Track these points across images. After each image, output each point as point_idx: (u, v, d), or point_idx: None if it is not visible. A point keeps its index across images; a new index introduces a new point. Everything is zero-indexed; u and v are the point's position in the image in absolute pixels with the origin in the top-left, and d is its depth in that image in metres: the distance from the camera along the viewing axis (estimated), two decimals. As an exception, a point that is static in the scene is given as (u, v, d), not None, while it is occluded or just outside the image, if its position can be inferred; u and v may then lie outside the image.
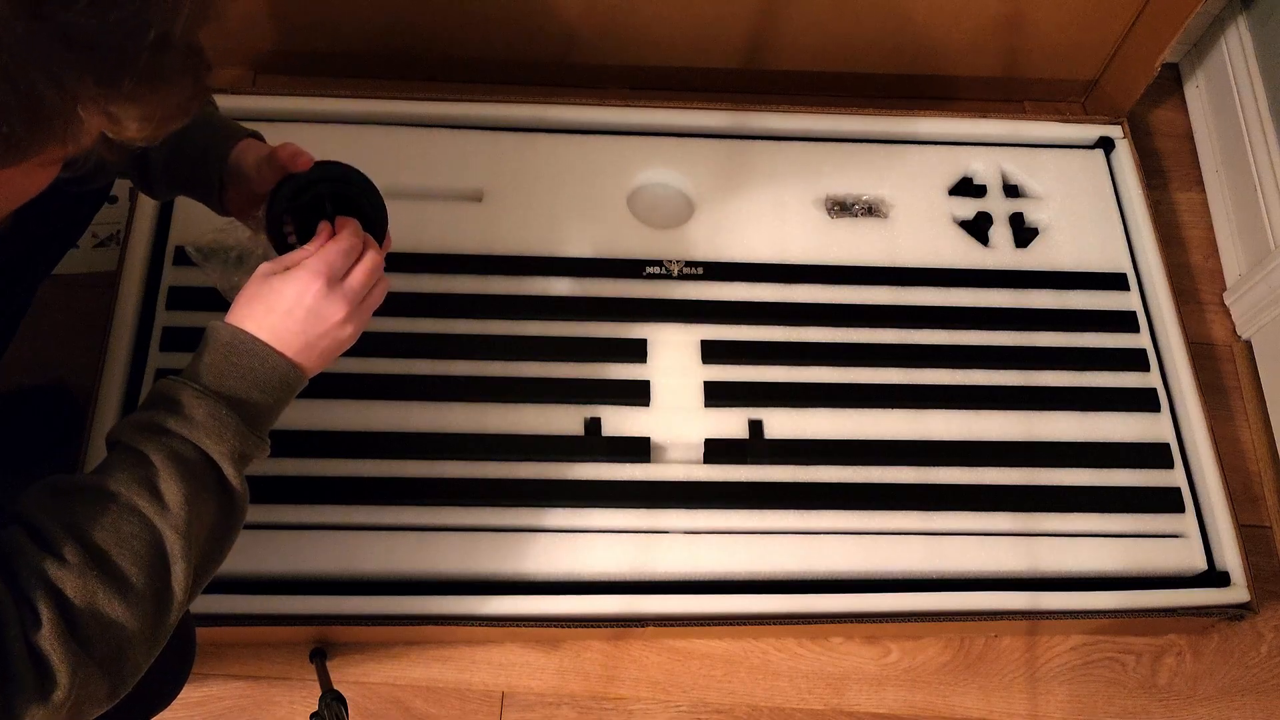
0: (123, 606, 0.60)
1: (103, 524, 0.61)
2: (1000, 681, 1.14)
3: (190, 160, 0.82)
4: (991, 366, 1.17)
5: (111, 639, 0.59)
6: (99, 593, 0.59)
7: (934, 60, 1.40)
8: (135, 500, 0.62)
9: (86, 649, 0.58)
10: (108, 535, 0.60)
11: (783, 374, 1.14)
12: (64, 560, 0.58)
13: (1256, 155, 1.36)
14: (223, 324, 0.70)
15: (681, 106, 1.28)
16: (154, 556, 0.62)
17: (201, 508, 0.65)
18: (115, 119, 0.51)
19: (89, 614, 0.58)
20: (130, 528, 0.61)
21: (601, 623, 1.04)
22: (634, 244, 1.20)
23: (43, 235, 0.92)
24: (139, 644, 0.61)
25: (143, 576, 0.61)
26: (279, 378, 0.70)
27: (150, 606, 0.61)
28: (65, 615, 0.58)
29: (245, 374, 0.69)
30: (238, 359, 0.69)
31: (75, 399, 1.16)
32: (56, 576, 0.58)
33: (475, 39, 1.34)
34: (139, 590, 0.60)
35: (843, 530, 1.07)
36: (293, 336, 0.71)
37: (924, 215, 1.25)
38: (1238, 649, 1.18)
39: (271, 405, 0.70)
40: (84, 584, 0.58)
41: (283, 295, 0.70)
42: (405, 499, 1.04)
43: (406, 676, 1.09)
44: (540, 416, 1.09)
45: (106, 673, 0.59)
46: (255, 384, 0.69)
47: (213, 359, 0.69)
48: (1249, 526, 1.23)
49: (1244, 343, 1.36)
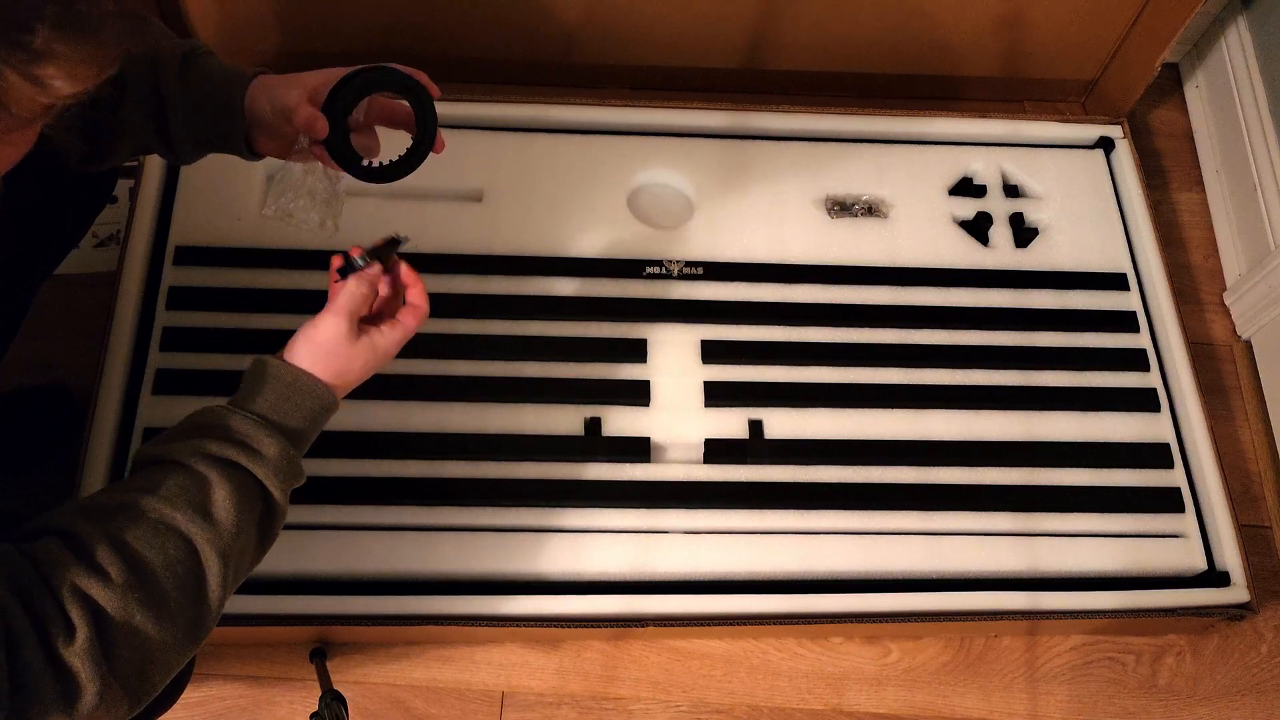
0: (157, 631, 0.60)
1: (150, 544, 0.61)
2: (1000, 681, 1.14)
3: (209, 116, 0.79)
4: (991, 366, 1.17)
5: (139, 661, 0.59)
6: (137, 615, 0.59)
7: (934, 60, 1.40)
8: (187, 525, 0.62)
9: (115, 669, 0.58)
10: (155, 556, 0.61)
11: (783, 374, 1.14)
12: (108, 577, 0.58)
13: (1256, 155, 1.36)
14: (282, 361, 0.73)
15: (681, 106, 1.28)
16: (196, 583, 0.62)
17: (248, 538, 0.66)
18: (38, 79, 0.48)
19: (125, 635, 0.58)
20: (176, 552, 0.62)
21: (601, 623, 1.04)
22: (634, 244, 1.20)
23: (43, 235, 0.92)
24: (164, 667, 0.61)
25: (182, 601, 0.61)
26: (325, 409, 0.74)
27: (183, 633, 0.61)
28: (101, 634, 0.57)
29: (306, 414, 0.72)
30: (300, 399, 0.71)
31: (75, 399, 1.16)
32: (98, 594, 0.58)
33: (475, 39, 1.34)
34: (175, 614, 0.61)
35: (843, 530, 1.07)
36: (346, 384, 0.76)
37: (924, 215, 1.25)
38: (1238, 649, 1.18)
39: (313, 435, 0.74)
40: (125, 605, 0.58)
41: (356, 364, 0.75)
42: (405, 499, 1.04)
43: (406, 676, 1.09)
44: (540, 416, 1.09)
45: (129, 692, 0.59)
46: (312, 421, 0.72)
47: (276, 397, 0.71)
48: (1249, 526, 1.23)
49: (1244, 343, 1.36)
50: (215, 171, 1.17)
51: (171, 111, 0.78)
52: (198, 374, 1.07)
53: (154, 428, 1.05)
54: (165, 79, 0.78)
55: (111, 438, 1.04)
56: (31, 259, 0.92)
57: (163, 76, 0.77)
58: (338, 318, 0.74)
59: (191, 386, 1.07)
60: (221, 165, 1.17)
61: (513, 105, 1.26)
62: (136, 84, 0.77)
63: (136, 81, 0.77)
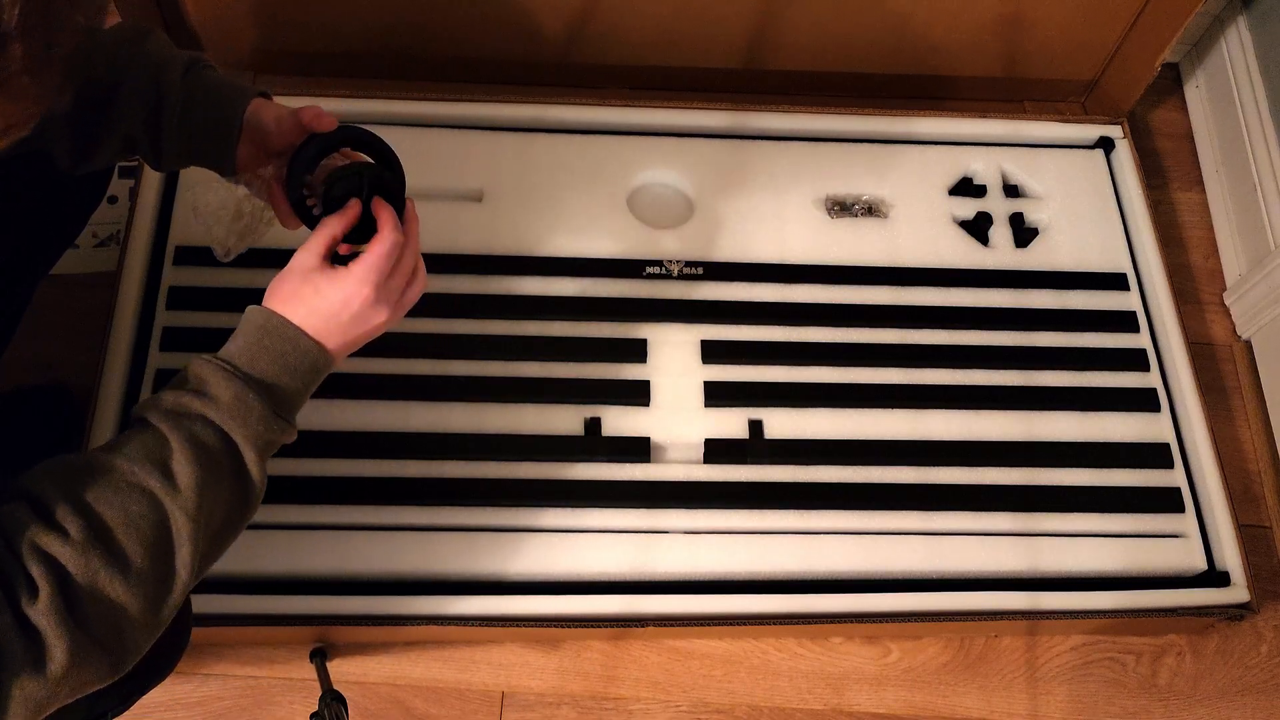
0: (123, 586, 0.59)
1: (110, 501, 0.60)
2: (1000, 681, 1.14)
3: (206, 118, 0.79)
4: (991, 366, 1.17)
5: (111, 618, 0.59)
6: (100, 571, 0.58)
7: (934, 60, 1.40)
8: (146, 480, 0.62)
9: (84, 626, 0.57)
10: (114, 513, 0.60)
11: (783, 374, 1.14)
12: (66, 535, 0.58)
13: (1256, 155, 1.36)
14: (258, 308, 0.70)
15: (681, 106, 1.28)
16: (160, 538, 0.61)
17: (216, 493, 0.64)
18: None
19: (88, 591, 0.58)
20: (138, 508, 0.61)
21: (601, 623, 1.04)
22: (634, 244, 1.20)
23: (42, 234, 0.92)
24: (139, 624, 0.61)
25: (146, 558, 0.60)
26: (309, 362, 0.70)
27: (152, 588, 0.61)
28: (64, 591, 0.57)
29: (276, 357, 0.69)
30: (270, 342, 0.69)
31: (75, 399, 1.16)
32: (58, 552, 0.57)
33: (475, 39, 1.34)
34: (141, 571, 0.60)
35: (843, 530, 1.07)
36: (330, 336, 0.71)
37: (924, 215, 1.25)
38: (1238, 649, 1.18)
39: (300, 390, 0.71)
40: (85, 562, 0.58)
41: (328, 299, 0.71)
42: (405, 499, 1.04)
43: (406, 676, 1.09)
44: (540, 416, 1.09)
45: (106, 651, 0.59)
46: (286, 368, 0.69)
47: (246, 342, 0.69)
48: (1249, 526, 1.23)
49: (1244, 343, 1.36)
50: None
51: (168, 111, 0.78)
52: (198, 374, 1.07)
53: (154, 428, 1.05)
54: (168, 79, 0.77)
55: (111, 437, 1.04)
56: (28, 258, 0.92)
57: (165, 76, 0.77)
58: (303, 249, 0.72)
59: (191, 386, 1.07)
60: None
61: (513, 105, 1.26)
62: (135, 80, 0.77)
63: (135, 78, 0.77)
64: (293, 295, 0.71)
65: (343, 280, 0.71)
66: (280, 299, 0.71)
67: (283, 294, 0.71)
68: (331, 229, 0.73)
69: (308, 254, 0.72)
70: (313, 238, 0.73)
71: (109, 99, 0.76)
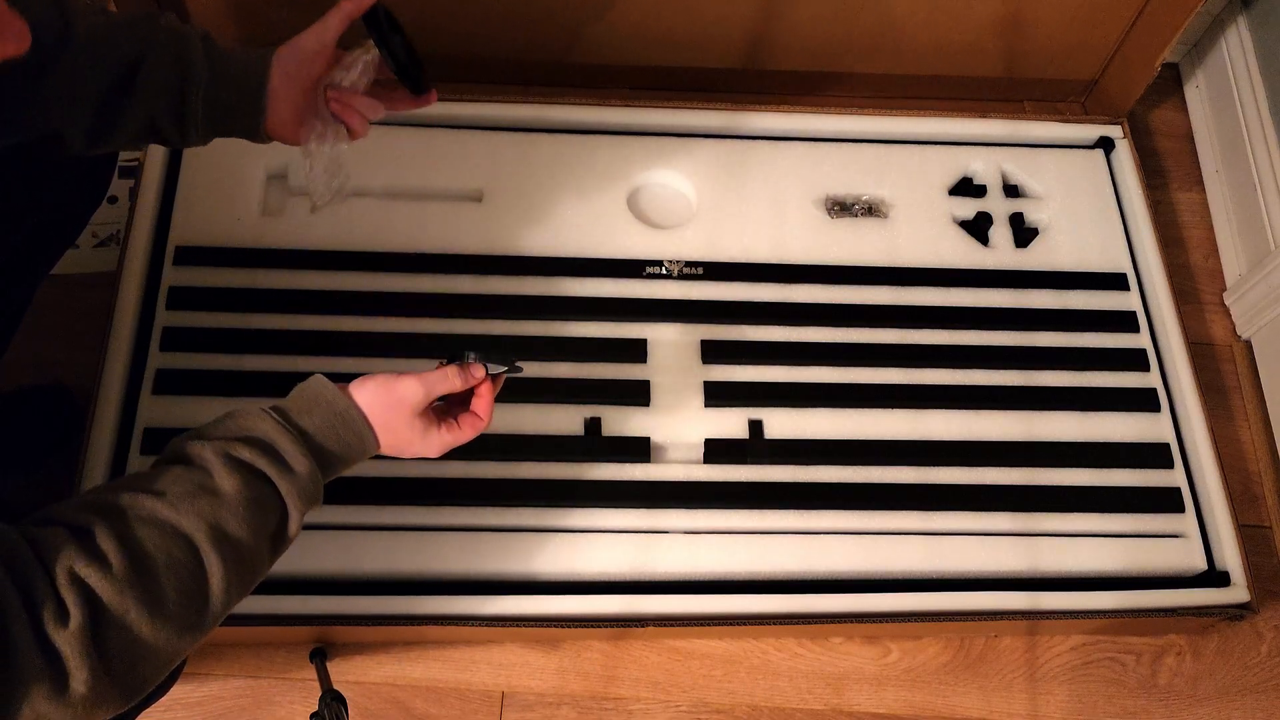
0: (151, 627, 0.59)
1: (154, 542, 0.61)
2: (1000, 681, 1.14)
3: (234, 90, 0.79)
4: (991, 366, 1.17)
5: (133, 654, 0.59)
6: (132, 609, 0.59)
7: (934, 60, 1.40)
8: (195, 534, 0.62)
9: (106, 659, 0.57)
10: (158, 554, 0.60)
11: (783, 374, 1.14)
12: (108, 567, 0.58)
13: (1256, 155, 1.36)
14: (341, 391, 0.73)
15: (681, 106, 1.28)
16: (196, 589, 0.62)
17: (256, 555, 0.66)
18: None
19: (119, 626, 0.58)
20: (181, 554, 0.61)
21: (601, 623, 1.04)
22: (634, 244, 1.20)
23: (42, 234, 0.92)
24: (158, 664, 0.61)
25: (180, 605, 0.61)
26: (363, 450, 0.74)
27: (177, 633, 0.61)
28: (95, 621, 0.57)
29: (345, 446, 0.72)
30: (344, 431, 0.72)
31: (75, 399, 1.16)
32: (95, 583, 0.58)
33: (475, 39, 1.34)
34: (172, 615, 0.60)
35: (843, 530, 1.07)
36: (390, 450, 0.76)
37: (924, 215, 1.25)
38: (1238, 649, 1.18)
39: (341, 472, 0.74)
40: (121, 596, 0.58)
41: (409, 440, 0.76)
42: (405, 499, 1.04)
43: (406, 676, 1.09)
44: (540, 416, 1.09)
45: (122, 686, 0.59)
46: (345, 455, 0.72)
47: (323, 421, 0.71)
48: (1249, 526, 1.23)
49: (1244, 343, 1.36)
50: (215, 171, 1.18)
51: (192, 84, 0.77)
52: (198, 374, 1.07)
53: (154, 428, 1.05)
54: (190, 56, 0.77)
55: (111, 438, 1.04)
56: (29, 258, 0.92)
57: (187, 53, 0.77)
58: (421, 385, 0.75)
59: (191, 386, 1.07)
60: (221, 165, 1.18)
61: (513, 105, 1.26)
62: (157, 58, 0.76)
63: (157, 56, 0.76)
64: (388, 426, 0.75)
65: (428, 438, 0.77)
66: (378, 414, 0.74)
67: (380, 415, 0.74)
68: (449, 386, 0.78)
69: (420, 393, 0.76)
70: (435, 381, 0.77)
71: (130, 77, 0.76)
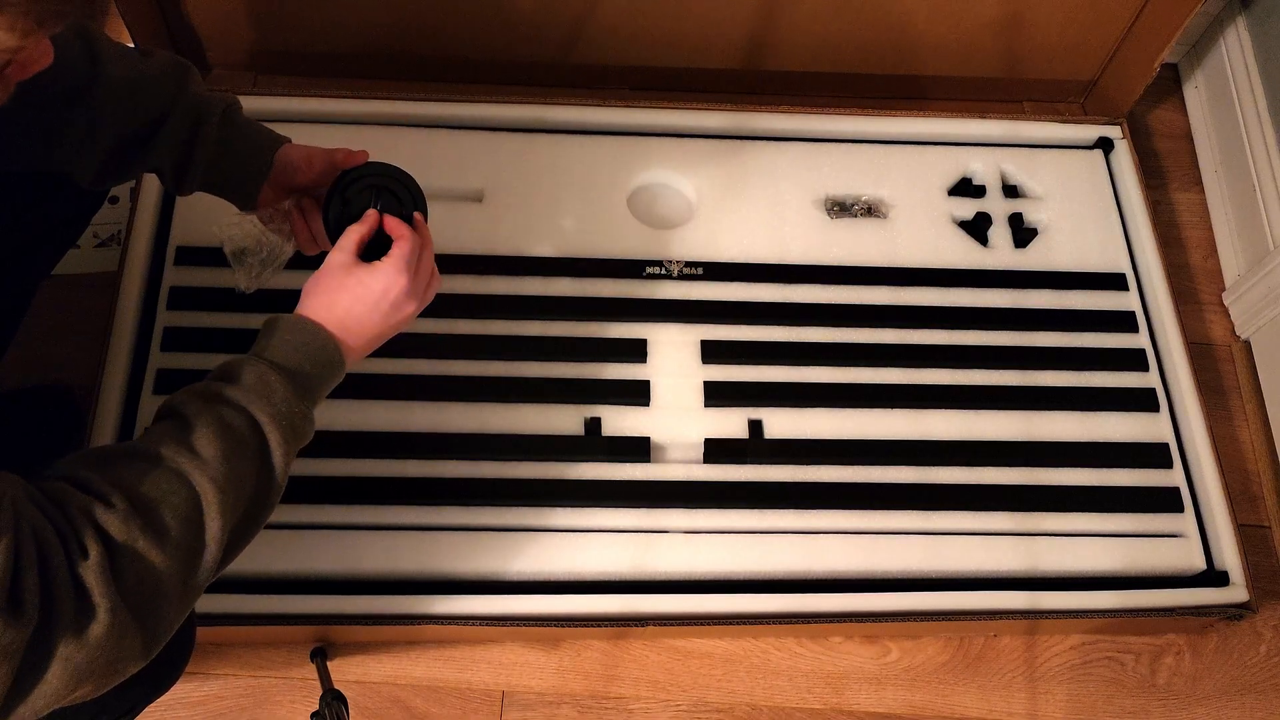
0: (160, 555, 0.61)
1: (144, 478, 0.63)
2: (1000, 681, 1.14)
3: (238, 163, 0.85)
4: (991, 366, 1.17)
5: (148, 588, 0.61)
6: (140, 539, 0.60)
7: (934, 60, 1.40)
8: (175, 459, 0.64)
9: (124, 593, 0.59)
10: (150, 489, 0.63)
11: (783, 374, 1.14)
12: (111, 505, 0.60)
13: (1255, 155, 1.36)
14: (288, 314, 0.75)
15: (681, 106, 1.28)
16: (191, 510, 0.64)
17: (241, 468, 0.67)
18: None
19: (130, 557, 0.60)
20: (169, 484, 0.63)
21: (601, 622, 1.04)
22: (634, 244, 1.20)
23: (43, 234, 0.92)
24: (172, 597, 0.62)
25: (180, 529, 0.63)
26: (327, 355, 0.74)
27: (185, 559, 0.63)
28: (110, 554, 0.59)
29: (298, 347, 0.73)
30: (291, 335, 0.73)
31: (75, 399, 1.16)
32: (103, 518, 0.60)
33: (475, 39, 1.34)
34: (176, 541, 0.62)
35: (842, 530, 1.07)
36: (371, 326, 0.77)
37: (924, 215, 1.25)
38: (1237, 649, 1.18)
39: (319, 379, 0.74)
40: (128, 530, 0.60)
41: (370, 287, 0.76)
42: (405, 499, 1.04)
43: (407, 676, 1.10)
44: (540, 416, 1.09)
45: (141, 623, 0.60)
46: (307, 357, 0.73)
47: (272, 337, 0.73)
48: (1248, 526, 1.24)
49: (1243, 343, 1.37)
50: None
51: (199, 155, 0.83)
52: (198, 374, 1.05)
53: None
54: (204, 129, 0.83)
55: (112, 438, 1.04)
56: (29, 258, 0.92)
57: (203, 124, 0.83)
58: (336, 252, 0.78)
59: (192, 386, 1.07)
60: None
61: (513, 105, 1.26)
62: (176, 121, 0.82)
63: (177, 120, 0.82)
64: (338, 287, 0.76)
65: (382, 269, 0.77)
66: (322, 290, 0.76)
67: (324, 287, 0.76)
68: (358, 233, 0.79)
69: (342, 253, 0.78)
70: (341, 241, 0.79)
71: (151, 135, 0.82)
